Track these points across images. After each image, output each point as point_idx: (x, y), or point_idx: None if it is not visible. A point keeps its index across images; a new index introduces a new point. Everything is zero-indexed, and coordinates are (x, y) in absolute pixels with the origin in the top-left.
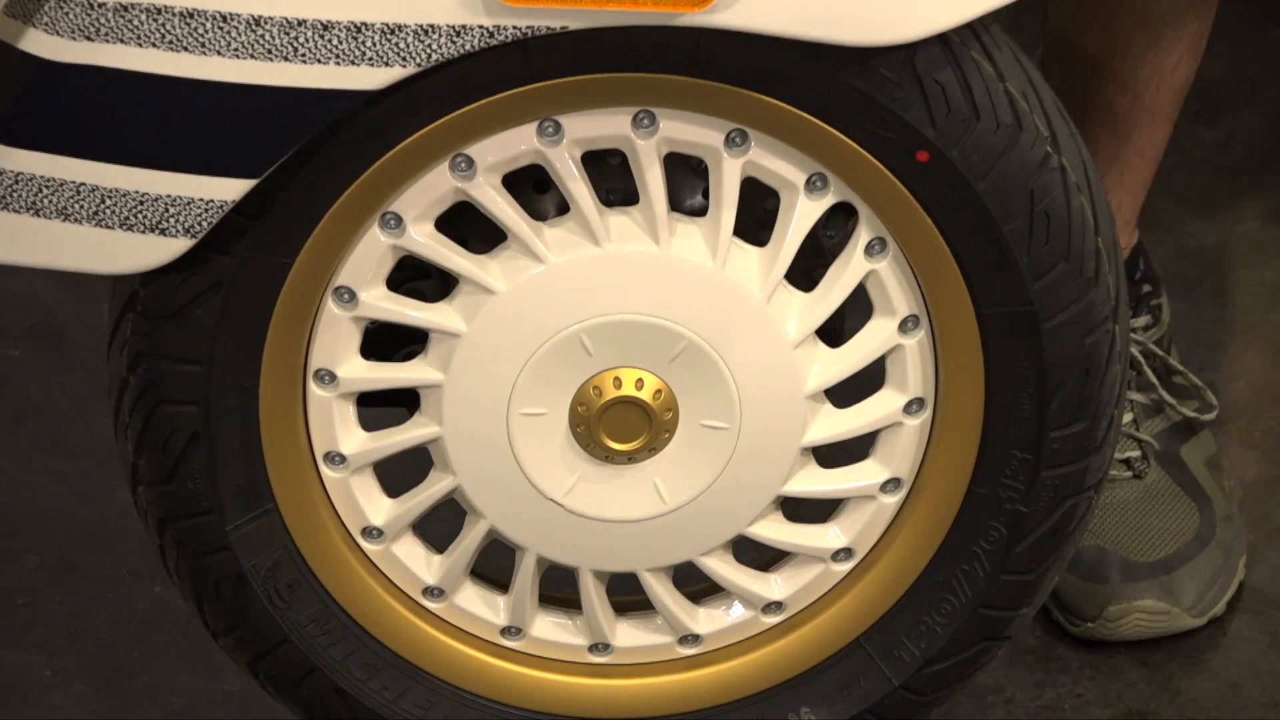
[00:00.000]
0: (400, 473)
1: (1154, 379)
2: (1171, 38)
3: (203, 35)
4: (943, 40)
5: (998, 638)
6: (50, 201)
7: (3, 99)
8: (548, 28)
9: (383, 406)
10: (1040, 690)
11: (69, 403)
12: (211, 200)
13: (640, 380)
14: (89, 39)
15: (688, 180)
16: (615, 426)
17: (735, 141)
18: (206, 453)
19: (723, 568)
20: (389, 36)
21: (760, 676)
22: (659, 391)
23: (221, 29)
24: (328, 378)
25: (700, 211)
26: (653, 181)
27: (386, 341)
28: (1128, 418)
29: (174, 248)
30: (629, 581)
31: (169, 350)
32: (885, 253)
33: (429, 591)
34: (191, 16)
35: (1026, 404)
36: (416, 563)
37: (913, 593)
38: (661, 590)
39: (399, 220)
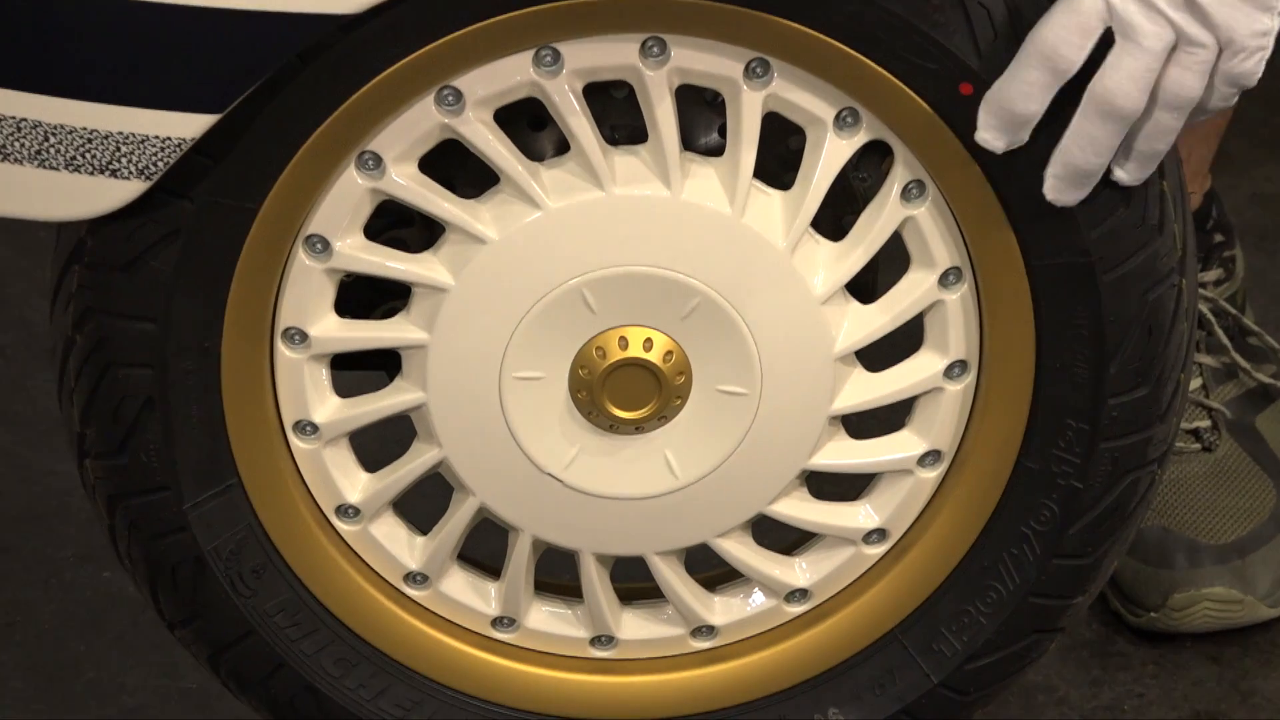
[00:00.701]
0: (379, 445)
1: (1225, 340)
2: None
3: None
4: None
5: (1050, 629)
6: None
7: None
8: None
9: (360, 370)
10: (1097, 689)
11: (6, 366)
12: (168, 138)
13: (649, 340)
14: None
15: (702, 116)
16: (621, 392)
17: (756, 72)
18: (162, 421)
19: (741, 551)
20: None
21: (783, 673)
22: (670, 353)
23: None
24: (298, 337)
25: (717, 151)
26: (663, 117)
27: (364, 297)
28: (1196, 383)
29: (126, 191)
30: (636, 566)
31: (120, 306)
32: (924, 197)
33: (411, 578)
34: None
35: (1082, 367)
36: (397, 545)
37: (954, 579)
38: (672, 576)
39: (378, 161)
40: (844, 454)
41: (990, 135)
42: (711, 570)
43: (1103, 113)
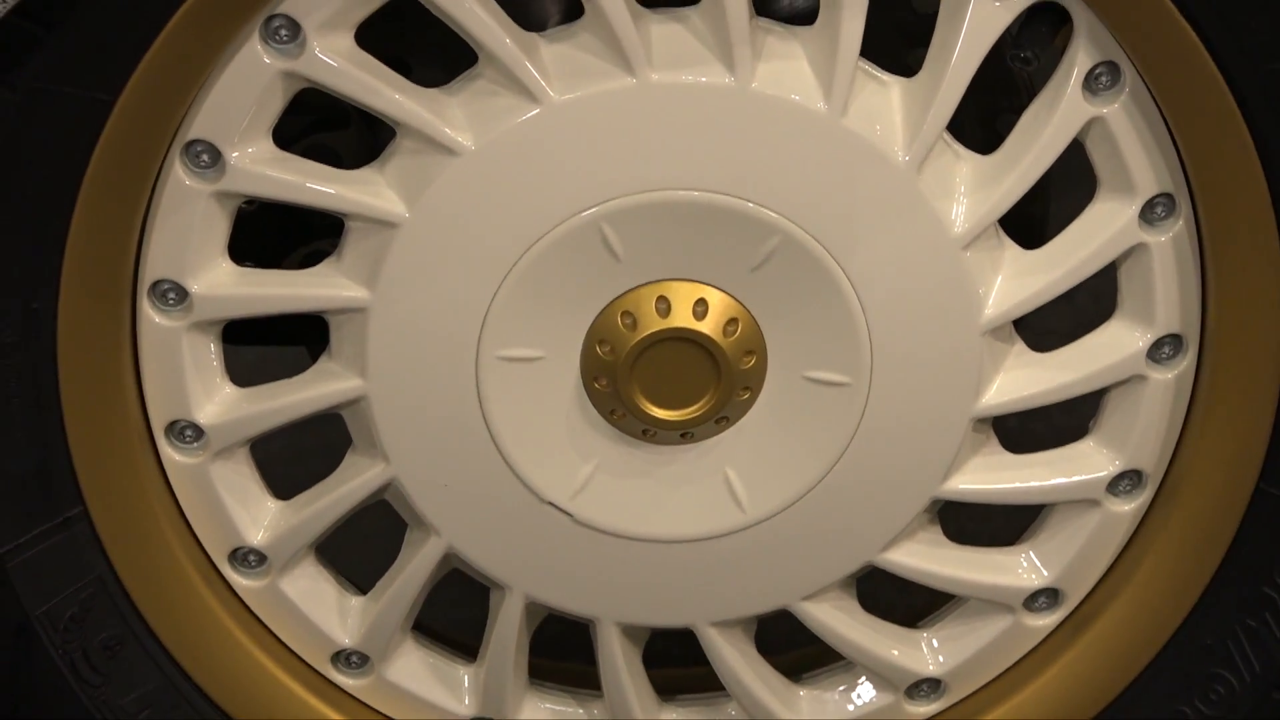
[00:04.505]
0: (295, 458)
1: None
2: None
3: None
4: None
5: None
6: None
7: None
8: None
9: (266, 344)
10: None
11: None
12: None
13: (701, 302)
14: None
15: None
16: (659, 380)
17: None
18: None
19: (841, 621)
20: None
21: None
22: (733, 322)
23: None
24: (173, 295)
25: (805, 17)
26: None
27: (273, 236)
28: None
29: None
30: (682, 643)
31: None
32: (1118, 88)
33: (344, 658)
34: None
35: None
36: (323, 610)
37: (1160, 666)
38: (736, 658)
39: (294, 29)
40: (996, 475)
41: None
42: (796, 650)
43: None
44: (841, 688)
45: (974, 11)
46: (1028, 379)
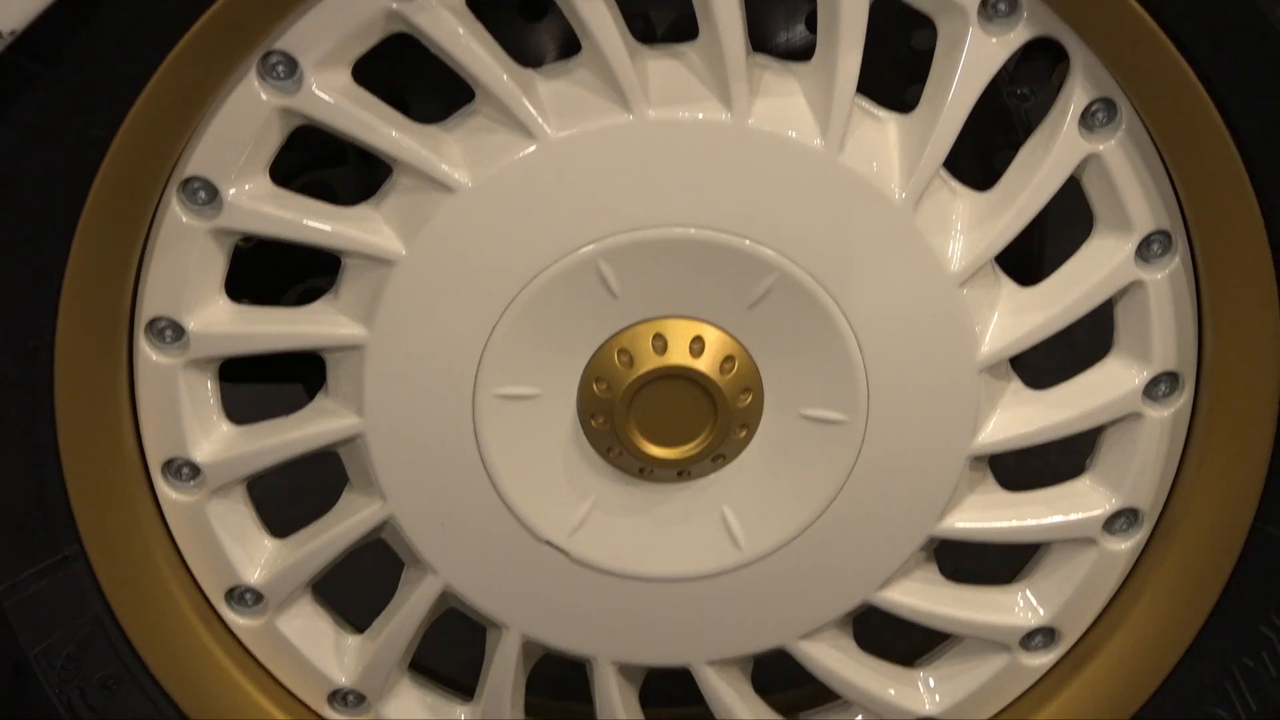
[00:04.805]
0: (292, 496)
1: None
2: None
3: None
4: None
5: None
6: None
7: None
8: None
9: (263, 382)
10: None
11: None
12: None
13: (698, 339)
14: None
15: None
16: (656, 418)
17: None
18: None
19: (836, 661)
20: None
21: None
22: (730, 359)
23: None
24: (170, 333)
25: (803, 54)
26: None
27: (269, 273)
28: None
29: None
30: (679, 682)
31: None
32: (1114, 124)
33: (340, 697)
34: None
35: None
36: (320, 649)
37: (1157, 705)
38: (733, 697)
39: (291, 65)
40: (992, 514)
41: None
42: (793, 688)
43: None
44: None
45: (970, 48)
46: (1024, 417)
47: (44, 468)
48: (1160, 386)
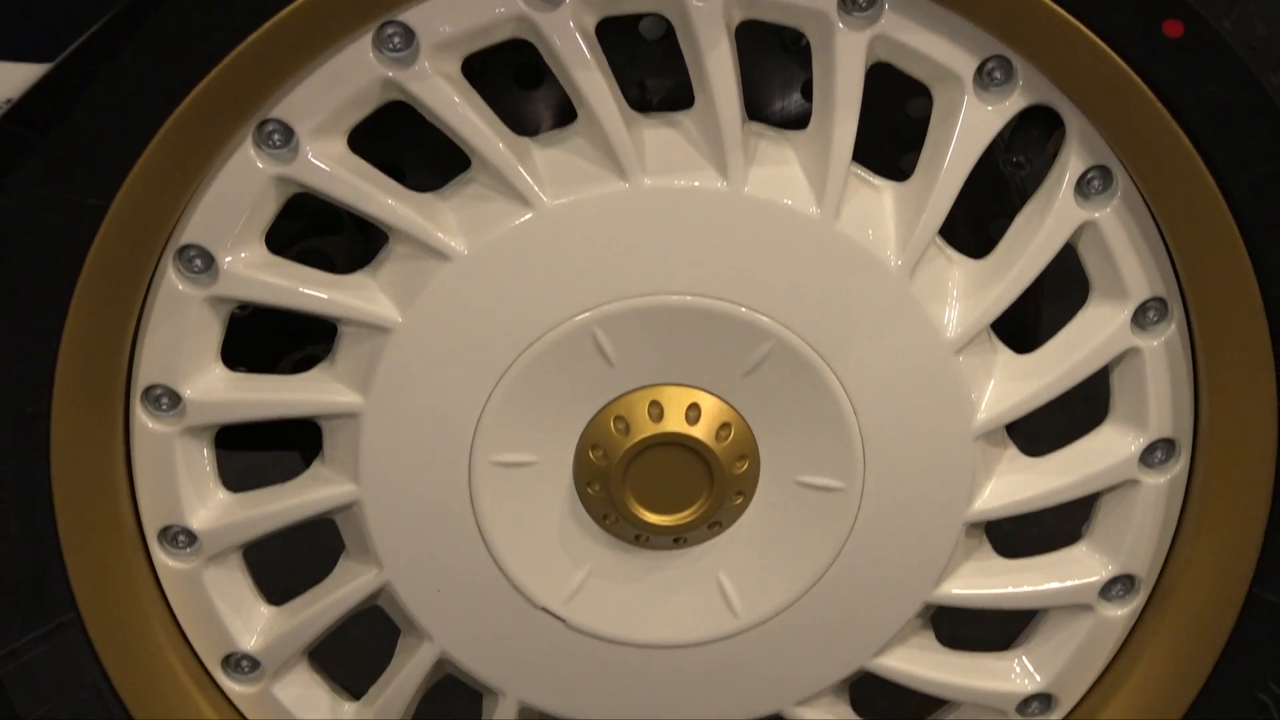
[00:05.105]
0: (288, 562)
1: None
2: None
3: None
4: None
5: None
6: None
7: None
8: None
9: (259, 450)
10: None
11: None
12: None
13: (694, 407)
14: None
15: (777, 67)
16: (652, 485)
17: (857, 3)
18: None
19: None
20: None
21: None
22: (726, 427)
23: None
24: (166, 400)
25: (798, 122)
26: (718, 68)
27: (265, 341)
28: None
29: None
30: None
31: None
32: (1110, 192)
33: None
34: None
35: None
36: (316, 716)
37: None
38: None
39: (287, 134)
40: (988, 580)
41: None
42: None
43: None
44: None
45: (966, 116)
46: (1020, 484)
47: (40, 535)
48: (1156, 453)
